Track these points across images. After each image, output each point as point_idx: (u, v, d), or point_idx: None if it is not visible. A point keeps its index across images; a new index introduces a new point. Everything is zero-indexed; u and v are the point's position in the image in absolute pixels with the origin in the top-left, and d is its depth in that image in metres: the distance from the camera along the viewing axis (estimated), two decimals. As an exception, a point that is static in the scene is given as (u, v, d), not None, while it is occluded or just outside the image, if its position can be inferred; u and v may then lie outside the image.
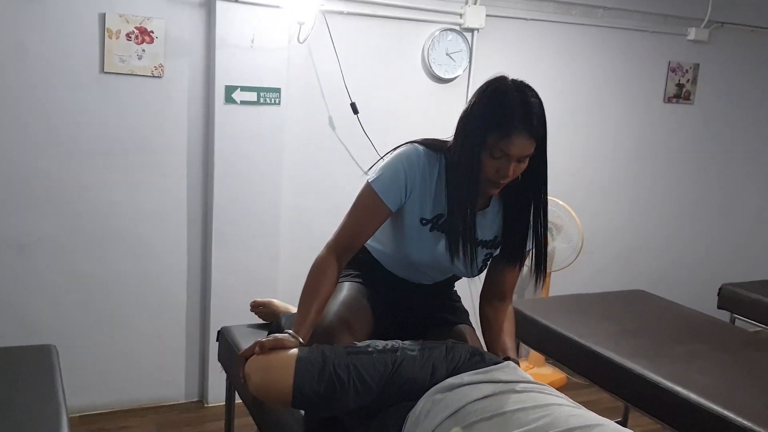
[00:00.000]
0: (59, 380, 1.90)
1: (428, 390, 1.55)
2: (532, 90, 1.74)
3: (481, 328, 2.06)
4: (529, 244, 1.93)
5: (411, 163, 1.83)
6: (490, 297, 2.05)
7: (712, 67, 4.53)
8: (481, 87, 1.77)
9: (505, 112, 1.69)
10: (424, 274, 2.02)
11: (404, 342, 1.69)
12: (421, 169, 1.84)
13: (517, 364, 1.87)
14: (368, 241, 1.95)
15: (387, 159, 1.88)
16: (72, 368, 3.09)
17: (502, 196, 1.90)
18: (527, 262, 1.96)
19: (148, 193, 3.26)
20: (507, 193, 1.88)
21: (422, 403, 1.53)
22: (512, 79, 1.75)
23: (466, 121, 1.78)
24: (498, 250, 1.96)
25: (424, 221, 1.87)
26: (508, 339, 1.98)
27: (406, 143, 1.89)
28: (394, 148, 1.90)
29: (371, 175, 1.86)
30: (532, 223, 1.89)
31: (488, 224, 1.92)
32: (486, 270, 2.03)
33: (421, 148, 1.86)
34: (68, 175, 3.11)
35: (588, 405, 1.62)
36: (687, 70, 4.45)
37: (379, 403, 1.59)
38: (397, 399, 1.58)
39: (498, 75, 1.77)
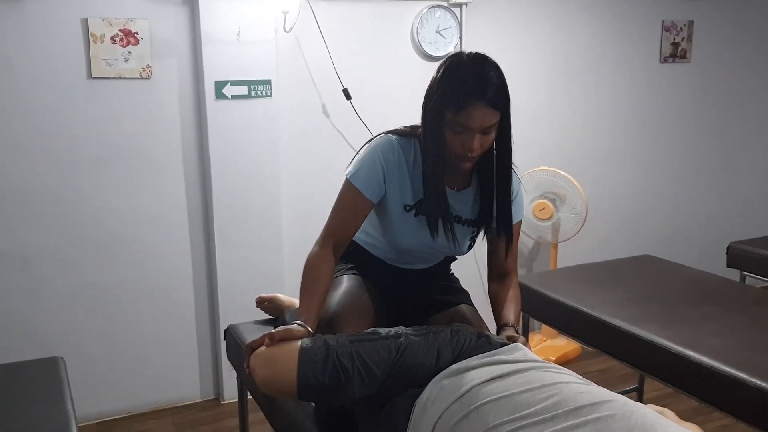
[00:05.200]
0: (68, 391, 1.90)
1: (434, 376, 1.54)
2: (491, 62, 1.74)
3: (491, 306, 2.06)
4: (516, 218, 1.96)
5: (386, 153, 1.86)
6: (494, 275, 2.08)
7: (706, 23, 4.47)
8: (439, 65, 1.79)
9: (459, 86, 1.70)
10: (416, 258, 2.04)
11: (408, 328, 1.68)
12: (396, 157, 1.86)
13: (514, 328, 1.91)
14: (357, 234, 1.97)
15: (362, 152, 1.90)
16: (86, 376, 3.12)
17: (477, 173, 1.91)
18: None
19: (146, 196, 3.25)
20: (480, 169, 1.89)
21: (429, 390, 1.51)
22: (468, 53, 1.77)
23: (427, 100, 1.81)
24: (483, 229, 1.97)
25: (407, 207, 1.89)
26: (508, 308, 1.99)
27: (379, 134, 1.92)
28: (368, 141, 1.93)
29: (349, 170, 1.88)
30: (498, 195, 1.90)
31: (468, 202, 1.93)
32: (487, 251, 2.05)
33: (393, 137, 1.89)
34: (66, 184, 3.10)
35: (603, 373, 1.63)
36: (681, 28, 4.40)
37: (385, 392, 1.57)
38: (404, 386, 1.56)
39: (455, 52, 1.81)
